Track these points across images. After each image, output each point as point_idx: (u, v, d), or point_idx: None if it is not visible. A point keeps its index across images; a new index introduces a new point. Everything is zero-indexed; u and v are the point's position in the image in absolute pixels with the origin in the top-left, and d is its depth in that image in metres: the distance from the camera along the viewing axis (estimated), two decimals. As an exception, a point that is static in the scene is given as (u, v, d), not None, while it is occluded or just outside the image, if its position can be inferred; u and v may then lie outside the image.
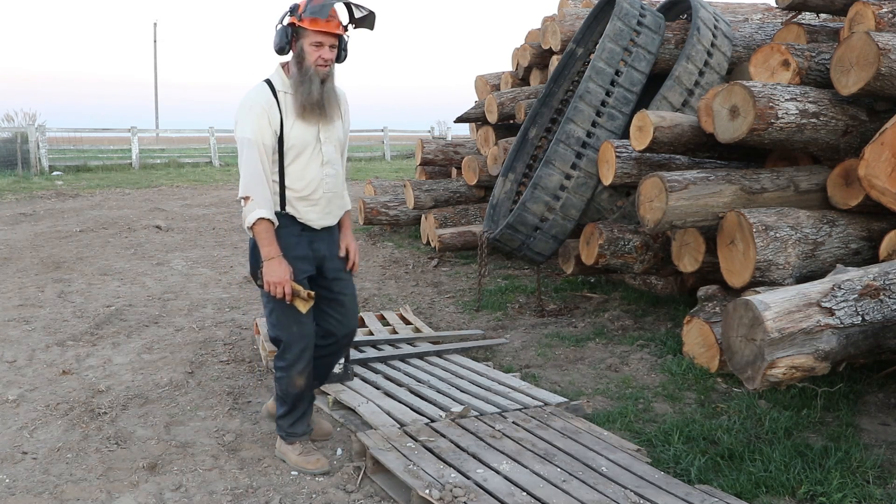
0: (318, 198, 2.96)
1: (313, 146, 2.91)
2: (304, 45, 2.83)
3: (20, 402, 3.80)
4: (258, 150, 2.81)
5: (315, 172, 2.93)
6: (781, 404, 3.61)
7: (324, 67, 2.85)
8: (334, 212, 3.05)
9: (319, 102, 2.85)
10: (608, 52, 5.30)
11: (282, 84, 2.89)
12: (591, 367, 4.36)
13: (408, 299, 6.05)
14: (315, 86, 2.83)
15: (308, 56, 2.83)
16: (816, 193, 4.32)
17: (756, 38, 6.05)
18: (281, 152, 2.87)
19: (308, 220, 2.96)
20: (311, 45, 2.82)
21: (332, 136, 2.98)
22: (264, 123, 2.81)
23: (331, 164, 2.98)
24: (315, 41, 2.82)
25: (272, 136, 2.84)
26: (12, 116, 21.98)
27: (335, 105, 2.96)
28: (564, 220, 5.36)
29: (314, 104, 2.84)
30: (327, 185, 2.98)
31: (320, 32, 2.81)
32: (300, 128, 2.88)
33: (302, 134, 2.89)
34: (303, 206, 2.94)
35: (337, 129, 3.00)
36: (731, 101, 4.00)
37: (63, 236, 9.14)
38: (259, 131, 2.81)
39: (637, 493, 2.67)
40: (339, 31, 2.87)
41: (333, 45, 2.87)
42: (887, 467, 2.99)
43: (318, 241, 3.02)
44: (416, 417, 3.39)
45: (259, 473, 3.04)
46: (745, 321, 2.70)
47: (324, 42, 2.83)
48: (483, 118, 8.45)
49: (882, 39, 3.74)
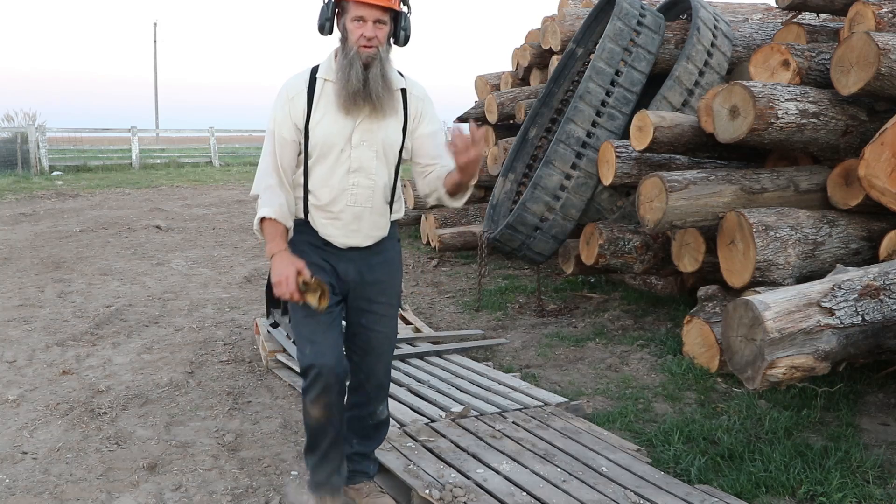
0: (340, 211, 2.43)
1: (340, 147, 2.39)
2: (346, 21, 2.34)
3: (20, 402, 3.80)
4: (276, 143, 2.42)
5: (339, 180, 2.41)
6: (781, 404, 3.61)
7: (368, 49, 2.30)
8: (368, 231, 2.48)
9: (360, 92, 2.32)
10: (608, 52, 5.30)
11: (326, 70, 2.41)
12: (591, 367, 4.36)
13: (408, 299, 6.05)
14: (355, 71, 2.30)
15: (350, 34, 2.33)
16: (816, 193, 4.32)
17: (756, 38, 6.05)
18: (307, 150, 2.43)
19: (328, 235, 2.47)
20: (352, 20, 2.32)
21: (375, 137, 2.41)
22: (285, 113, 2.41)
23: (363, 173, 2.42)
24: (356, 15, 2.31)
25: (293, 129, 2.41)
26: (12, 116, 22.00)
27: (388, 99, 2.38)
28: (564, 220, 5.36)
29: (354, 94, 2.32)
30: (354, 198, 2.43)
31: (361, 4, 2.29)
32: (329, 123, 2.39)
33: (328, 131, 2.39)
34: (322, 218, 2.46)
35: (387, 130, 2.43)
36: (731, 101, 4.00)
37: (63, 236, 9.14)
38: (279, 121, 2.42)
39: (637, 493, 2.67)
40: (389, 3, 2.32)
41: (381, 21, 2.32)
42: (887, 467, 2.99)
43: (345, 262, 2.49)
44: (416, 417, 3.39)
45: (259, 473, 3.04)
46: (745, 321, 2.70)
47: (366, 17, 2.30)
48: (483, 118, 8.45)
49: (882, 39, 3.74)
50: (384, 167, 2.46)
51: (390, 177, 2.49)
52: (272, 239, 2.40)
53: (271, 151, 2.43)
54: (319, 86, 2.40)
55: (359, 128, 2.39)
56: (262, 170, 2.45)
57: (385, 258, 2.55)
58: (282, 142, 2.42)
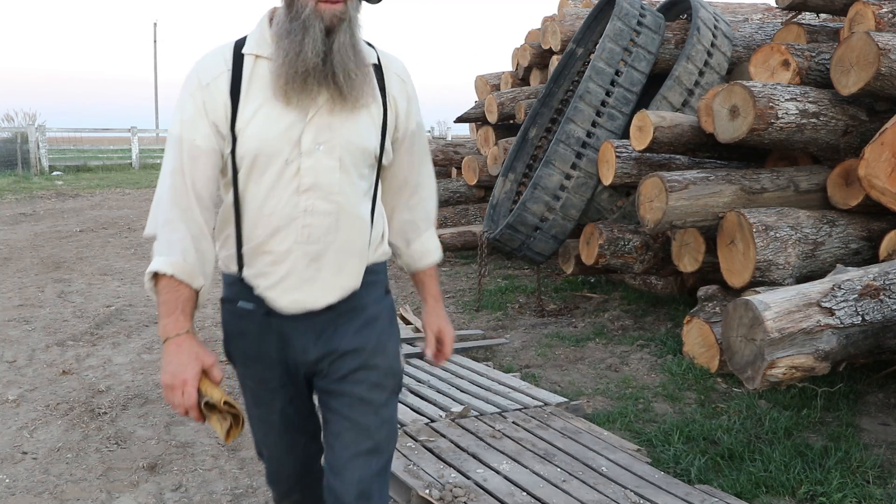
0: (286, 252, 1.57)
1: (285, 156, 1.53)
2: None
3: (20, 402, 3.80)
4: (184, 155, 1.55)
5: (284, 205, 1.55)
6: (781, 404, 3.61)
7: (333, 4, 1.50)
8: (331, 281, 1.61)
9: (317, 71, 1.49)
10: (608, 52, 5.30)
11: (257, 43, 1.57)
12: (591, 367, 4.36)
13: (408, 299, 6.05)
14: (312, 39, 1.49)
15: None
16: (816, 193, 4.32)
17: (756, 38, 6.05)
18: (234, 163, 1.57)
19: (268, 293, 1.60)
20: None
21: (337, 139, 1.55)
22: (197, 109, 1.55)
23: (320, 192, 1.55)
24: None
25: (210, 133, 1.54)
26: (12, 116, 22.03)
27: (360, 80, 1.55)
28: (564, 220, 5.36)
29: (305, 74, 1.49)
30: (307, 231, 1.56)
31: None
32: (266, 120, 1.53)
33: (265, 132, 1.53)
34: (263, 265, 1.59)
35: (357, 128, 1.58)
36: (731, 101, 4.00)
37: (63, 236, 9.14)
38: (187, 122, 1.55)
39: (637, 493, 2.67)
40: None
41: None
42: (887, 467, 2.99)
43: (300, 336, 1.63)
44: (416, 417, 3.39)
45: (259, 473, 3.04)
46: (745, 321, 2.70)
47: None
48: (483, 118, 8.45)
49: (882, 39, 3.74)
50: (354, 183, 1.59)
51: (366, 196, 1.64)
52: (168, 311, 1.53)
53: (177, 169, 1.55)
54: (249, 66, 1.55)
55: (312, 124, 1.53)
56: (161, 198, 1.56)
57: (365, 319, 1.67)
58: (193, 153, 1.54)
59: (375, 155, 1.65)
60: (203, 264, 1.56)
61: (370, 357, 1.67)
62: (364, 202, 1.65)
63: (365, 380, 1.66)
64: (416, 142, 1.74)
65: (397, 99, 1.67)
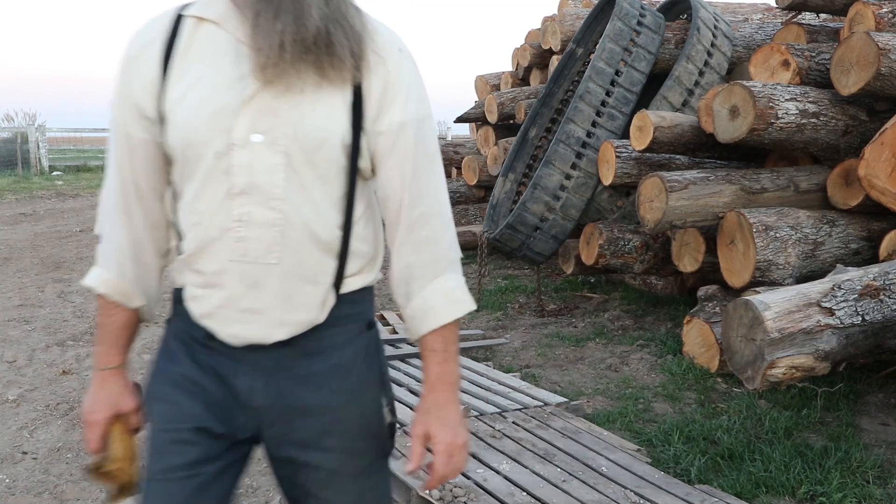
0: (217, 273, 1.21)
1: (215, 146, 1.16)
2: None
3: (20, 402, 3.80)
4: (120, 147, 1.26)
5: (214, 211, 1.19)
6: (781, 404, 3.61)
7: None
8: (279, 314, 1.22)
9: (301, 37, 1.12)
10: (608, 52, 5.31)
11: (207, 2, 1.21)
12: (591, 367, 4.36)
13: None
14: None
15: None
16: (816, 193, 4.32)
17: (756, 38, 6.05)
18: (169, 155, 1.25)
19: (207, 323, 1.24)
20: None
21: (285, 126, 1.16)
22: (123, 90, 1.23)
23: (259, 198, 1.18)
24: None
25: (137, 116, 1.22)
26: (12, 116, 21.98)
27: (340, 48, 1.15)
28: (564, 220, 5.36)
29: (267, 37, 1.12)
30: (242, 247, 1.19)
31: None
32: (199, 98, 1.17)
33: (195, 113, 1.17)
34: (195, 286, 1.25)
35: (312, 113, 1.17)
36: (731, 101, 4.00)
37: (63, 236, 9.14)
38: (118, 108, 1.25)
39: (637, 493, 2.67)
40: None
41: None
42: (887, 467, 2.99)
43: (246, 373, 1.24)
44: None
45: (259, 473, 3.04)
46: (745, 321, 2.70)
47: None
48: (483, 118, 8.45)
49: (882, 39, 3.74)
50: (307, 187, 1.18)
51: (333, 207, 1.21)
52: (100, 339, 1.32)
53: (116, 162, 1.27)
54: (188, 31, 1.19)
55: (250, 107, 1.15)
56: (105, 195, 1.30)
57: (334, 365, 1.26)
58: (129, 143, 1.24)
59: (345, 152, 1.18)
60: (145, 279, 1.30)
61: (339, 417, 1.26)
62: (327, 214, 1.20)
63: (335, 447, 1.26)
64: (411, 145, 1.22)
65: (381, 76, 1.19)
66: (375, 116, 1.21)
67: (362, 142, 1.21)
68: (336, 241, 1.23)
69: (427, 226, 1.25)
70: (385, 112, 1.21)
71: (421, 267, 1.25)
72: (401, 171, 1.23)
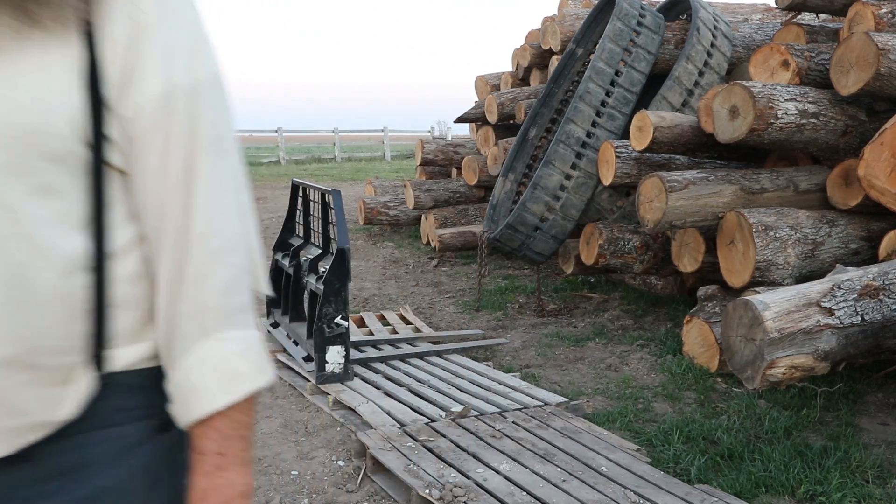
0: None
1: None
2: None
3: None
4: None
5: None
6: (781, 404, 3.61)
7: None
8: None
9: None
10: (608, 52, 5.31)
11: None
12: (591, 367, 4.36)
13: (408, 299, 6.05)
14: None
15: None
16: (816, 193, 4.32)
17: (756, 38, 6.05)
18: None
19: None
20: None
21: None
22: None
23: None
24: None
25: None
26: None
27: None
28: (564, 220, 5.37)
29: None
30: None
31: None
32: None
33: None
34: None
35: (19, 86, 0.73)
36: (730, 101, 4.00)
37: None
38: None
39: (637, 493, 2.67)
40: None
41: None
42: (887, 467, 2.99)
43: None
44: (416, 417, 3.40)
45: (259, 473, 3.05)
46: (744, 321, 2.70)
47: None
48: (483, 118, 8.46)
49: (881, 39, 3.74)
50: (12, 207, 0.74)
51: (64, 233, 0.78)
52: None
53: None
54: None
55: None
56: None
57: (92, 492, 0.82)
58: None
59: (82, 142, 0.78)
60: None
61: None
62: (58, 247, 0.77)
63: None
64: (180, 128, 0.82)
65: (126, 14, 0.78)
66: (121, 82, 0.78)
67: (108, 123, 0.79)
68: (78, 288, 0.78)
69: (197, 255, 0.83)
70: (136, 76, 0.79)
71: (184, 320, 0.83)
72: (163, 168, 0.82)
